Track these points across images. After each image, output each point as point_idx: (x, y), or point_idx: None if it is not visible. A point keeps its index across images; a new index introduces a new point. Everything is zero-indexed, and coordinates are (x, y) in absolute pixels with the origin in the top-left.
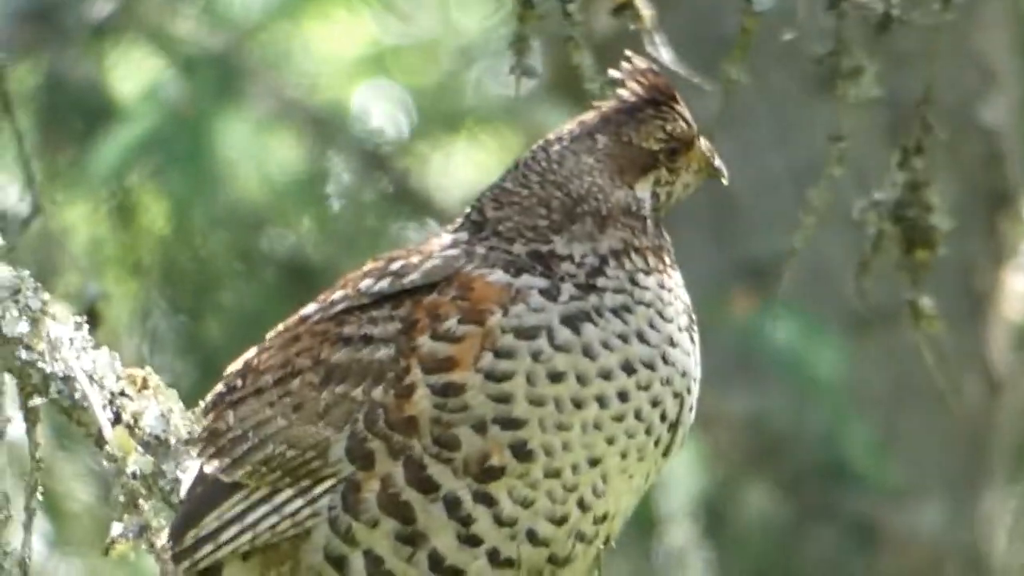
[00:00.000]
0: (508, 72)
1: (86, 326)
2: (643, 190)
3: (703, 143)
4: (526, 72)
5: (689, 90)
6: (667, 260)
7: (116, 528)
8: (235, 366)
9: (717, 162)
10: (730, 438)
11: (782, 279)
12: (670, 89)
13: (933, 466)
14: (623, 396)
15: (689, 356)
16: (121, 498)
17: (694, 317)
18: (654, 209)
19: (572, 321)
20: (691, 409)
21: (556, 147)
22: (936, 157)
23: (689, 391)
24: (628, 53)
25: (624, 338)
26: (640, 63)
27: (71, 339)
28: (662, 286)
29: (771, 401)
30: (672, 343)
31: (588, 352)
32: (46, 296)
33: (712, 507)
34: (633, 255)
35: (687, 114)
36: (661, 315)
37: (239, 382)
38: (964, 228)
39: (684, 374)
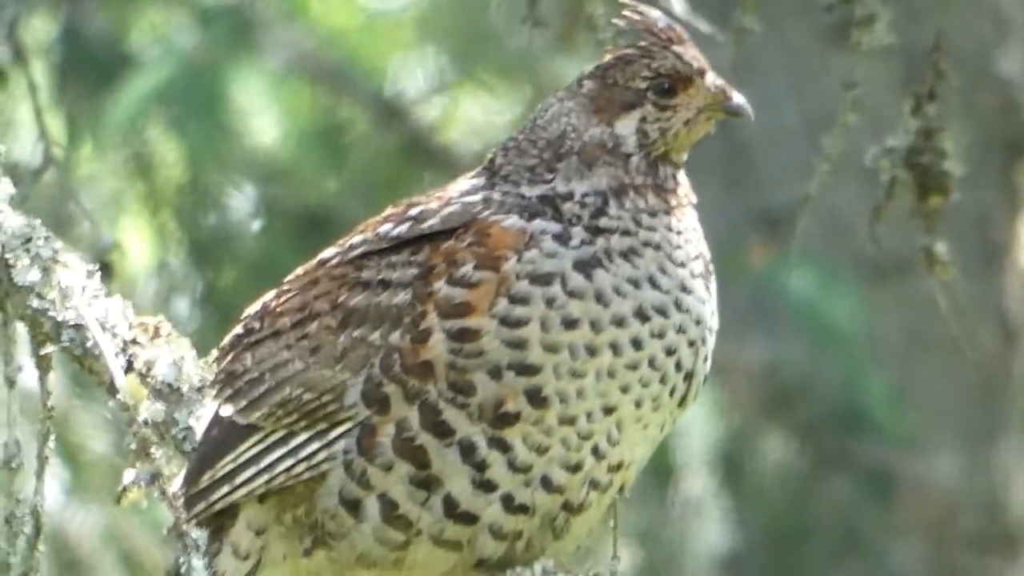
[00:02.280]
0: (521, 22)
1: (98, 274)
2: (624, 127)
3: (713, 81)
4: (538, 22)
5: (704, 41)
6: (673, 201)
7: (128, 476)
8: (253, 308)
9: (735, 100)
10: (747, 387)
11: (797, 227)
12: (667, 29)
13: (948, 416)
14: (637, 344)
15: (704, 304)
16: (133, 446)
17: (711, 268)
18: (642, 146)
19: (584, 267)
20: (706, 359)
21: (552, 97)
22: (951, 107)
23: (704, 341)
24: (631, 2)
25: (635, 283)
26: (643, 9)
27: (83, 287)
28: (669, 228)
29: (787, 350)
30: (685, 289)
31: (601, 298)
32: (57, 244)
33: (729, 456)
34: (632, 194)
35: (687, 52)
36: (671, 259)
37: (257, 324)
38: (979, 178)
39: (699, 322)
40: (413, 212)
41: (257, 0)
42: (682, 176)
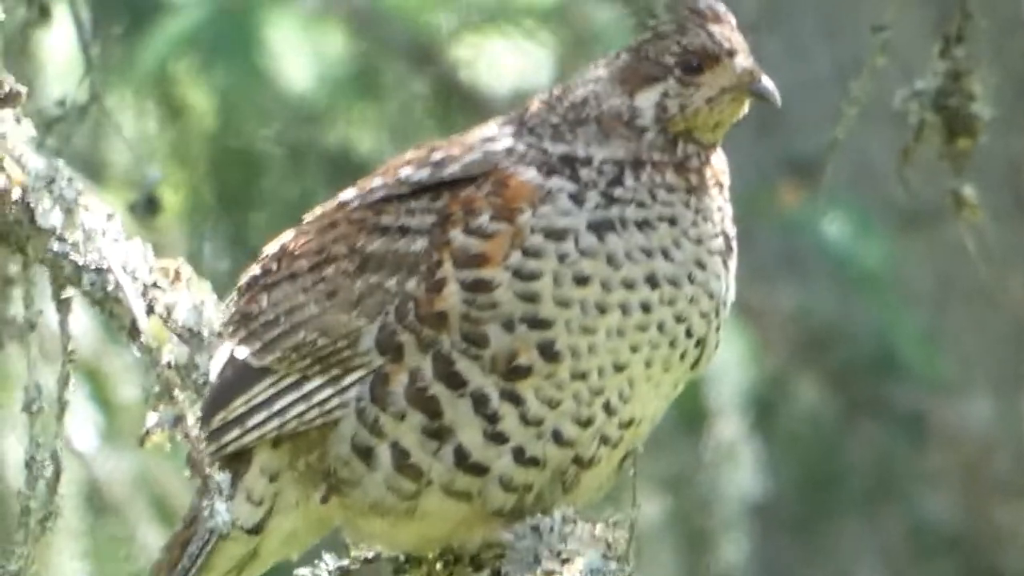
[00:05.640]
0: None
1: (118, 217)
2: (644, 99)
3: (742, 63)
4: None
5: None
6: (695, 179)
7: (151, 419)
8: (271, 248)
9: (762, 84)
10: (779, 332)
11: (826, 171)
12: (706, 8)
13: (980, 362)
14: (646, 308)
15: (719, 279)
16: (156, 388)
17: (733, 245)
18: (659, 120)
19: (597, 228)
20: (718, 329)
21: (594, 62)
22: (980, 51)
23: (717, 313)
24: None
25: (648, 253)
26: None
27: (104, 230)
28: (687, 205)
29: (819, 295)
30: (700, 264)
31: (612, 260)
32: (80, 186)
33: (761, 401)
34: (650, 168)
35: (720, 32)
36: (686, 235)
37: (274, 265)
38: (1010, 124)
39: (711, 296)
40: (435, 157)
41: None
42: (717, 157)
